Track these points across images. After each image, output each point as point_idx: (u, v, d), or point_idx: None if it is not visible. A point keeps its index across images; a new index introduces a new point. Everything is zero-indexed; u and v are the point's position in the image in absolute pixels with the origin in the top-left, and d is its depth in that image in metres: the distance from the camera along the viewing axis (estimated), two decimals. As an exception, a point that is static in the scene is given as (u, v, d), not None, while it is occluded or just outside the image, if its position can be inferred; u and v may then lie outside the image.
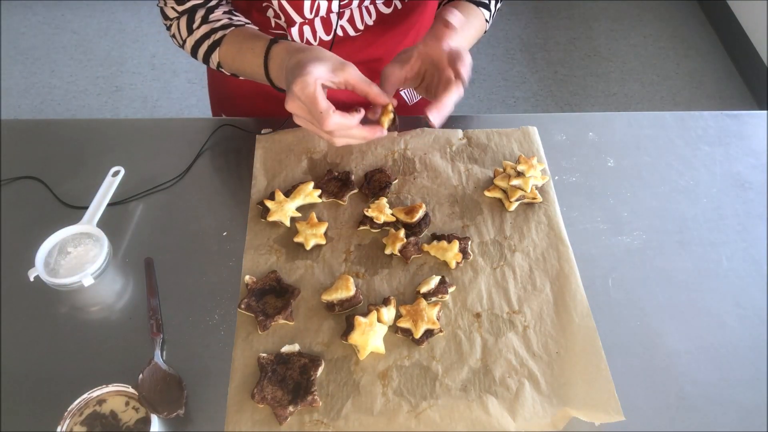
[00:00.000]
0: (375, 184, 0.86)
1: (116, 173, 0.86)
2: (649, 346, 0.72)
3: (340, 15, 0.89)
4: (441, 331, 0.71)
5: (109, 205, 0.82)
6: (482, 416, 0.65)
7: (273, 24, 0.90)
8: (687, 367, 0.70)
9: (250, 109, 1.03)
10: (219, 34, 0.83)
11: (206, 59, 0.86)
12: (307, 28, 0.89)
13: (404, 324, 0.71)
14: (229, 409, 0.65)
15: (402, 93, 1.08)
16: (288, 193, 0.84)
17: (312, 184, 0.85)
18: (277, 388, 0.66)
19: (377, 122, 0.75)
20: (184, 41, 0.87)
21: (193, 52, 0.87)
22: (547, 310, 0.74)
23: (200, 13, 0.85)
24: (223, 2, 0.87)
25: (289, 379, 0.67)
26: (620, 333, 0.73)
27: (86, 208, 0.81)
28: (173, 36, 0.89)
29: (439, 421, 0.65)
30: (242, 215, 0.83)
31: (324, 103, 0.68)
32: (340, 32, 0.91)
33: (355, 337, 0.69)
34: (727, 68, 2.55)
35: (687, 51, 2.63)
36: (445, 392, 0.67)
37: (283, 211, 0.81)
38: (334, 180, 0.87)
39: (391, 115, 0.76)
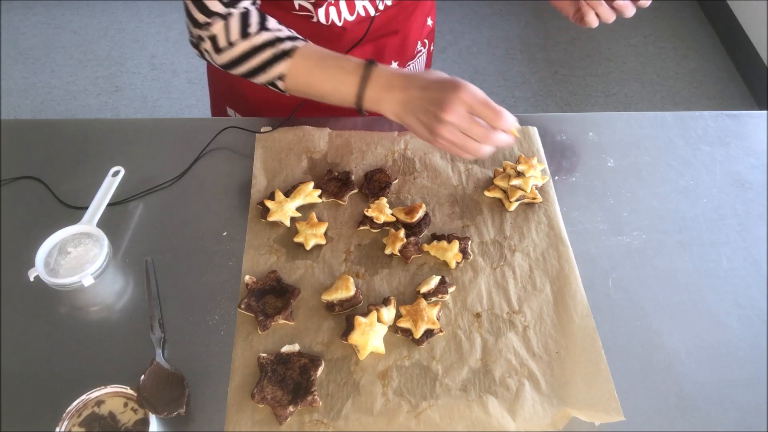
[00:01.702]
0: (375, 184, 0.86)
1: (116, 173, 0.86)
2: (649, 346, 0.72)
3: None
4: (441, 331, 0.71)
5: (109, 205, 0.82)
6: (482, 416, 0.65)
7: (297, 6, 0.89)
8: (687, 367, 0.70)
9: (258, 102, 1.02)
10: (287, 44, 0.78)
11: (262, 68, 0.80)
12: (332, 9, 0.89)
13: (404, 324, 0.71)
14: (229, 409, 0.65)
15: None
16: (288, 193, 0.84)
17: (312, 184, 0.85)
18: (277, 388, 0.66)
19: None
20: (231, 44, 0.79)
21: (242, 59, 0.80)
22: (547, 310, 0.74)
23: (255, 17, 0.80)
24: None
25: (289, 379, 0.67)
26: (620, 333, 0.73)
27: (86, 208, 0.81)
28: (211, 38, 0.80)
29: (439, 421, 0.65)
30: (242, 215, 0.83)
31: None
32: (362, 12, 0.92)
33: (355, 337, 0.69)
34: (727, 68, 2.55)
35: (687, 51, 2.63)
36: (445, 392, 0.67)
37: (283, 211, 0.81)
38: (334, 180, 0.87)
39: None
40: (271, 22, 0.81)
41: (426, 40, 1.11)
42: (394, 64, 1.06)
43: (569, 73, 2.52)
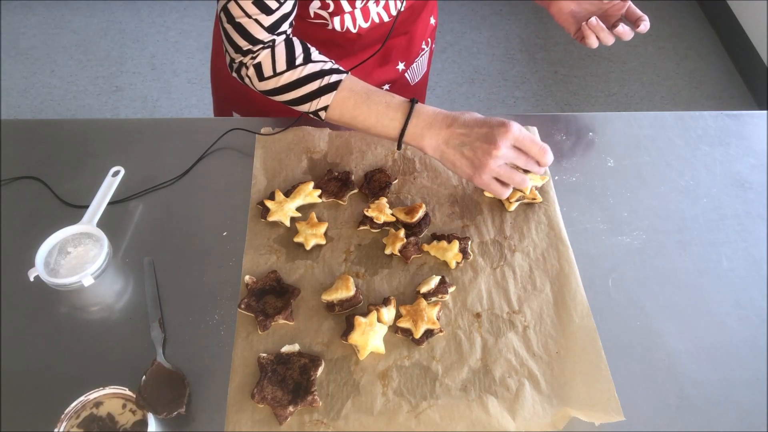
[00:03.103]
0: (375, 184, 0.86)
1: (116, 173, 0.86)
2: (649, 346, 0.72)
3: (376, 1, 0.91)
4: (441, 331, 0.71)
5: (109, 204, 0.82)
6: (482, 416, 0.65)
7: (312, 14, 0.90)
8: (687, 367, 0.70)
9: (261, 104, 1.03)
10: (333, 77, 0.80)
11: (307, 99, 0.80)
12: (348, 17, 0.90)
13: (404, 324, 0.71)
14: (229, 409, 0.65)
15: (405, 74, 1.10)
16: (288, 193, 0.84)
17: (312, 184, 0.85)
18: (277, 388, 0.66)
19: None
20: (278, 73, 0.79)
21: (287, 88, 0.80)
22: (547, 310, 0.74)
23: (299, 47, 0.80)
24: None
25: (289, 379, 0.67)
26: (620, 333, 0.73)
27: (86, 207, 0.81)
28: (256, 65, 0.80)
29: (439, 421, 0.65)
30: (242, 215, 0.83)
31: None
32: (376, 19, 0.93)
33: (355, 337, 0.69)
34: (727, 68, 2.55)
35: (687, 51, 2.63)
36: (445, 392, 0.67)
37: (283, 211, 0.81)
38: (334, 180, 0.87)
39: None
40: (315, 53, 0.82)
41: (429, 39, 1.12)
42: (401, 65, 1.07)
43: (569, 73, 2.52)
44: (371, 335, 0.69)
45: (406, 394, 0.67)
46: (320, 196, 0.84)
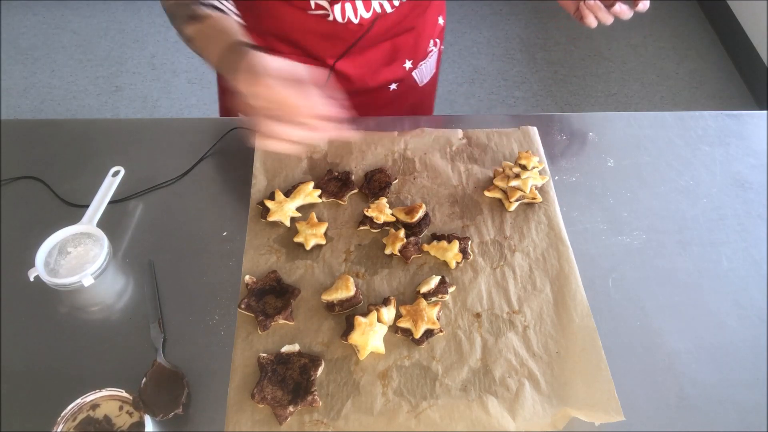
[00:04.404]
0: (375, 184, 0.86)
1: (116, 173, 0.86)
2: (649, 346, 0.72)
3: None
4: (441, 331, 0.71)
5: (109, 204, 0.82)
6: (482, 416, 0.65)
7: (313, 5, 0.90)
8: (687, 367, 0.70)
9: None
10: (206, 10, 0.81)
11: (178, 25, 0.84)
12: (348, 6, 0.90)
13: (404, 324, 0.71)
14: (229, 409, 0.65)
15: (413, 74, 1.10)
16: (288, 193, 0.84)
17: (312, 184, 0.85)
18: (277, 388, 0.66)
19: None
20: None
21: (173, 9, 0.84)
22: (547, 310, 0.74)
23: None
24: None
25: (289, 379, 0.67)
26: (620, 333, 0.73)
27: (86, 207, 0.81)
28: None
29: (439, 421, 0.65)
30: (242, 215, 0.83)
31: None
32: (378, 8, 0.93)
33: (355, 337, 0.69)
34: (727, 68, 2.55)
35: (687, 51, 2.63)
36: (445, 392, 0.67)
37: (283, 211, 0.81)
38: (334, 180, 0.87)
39: None
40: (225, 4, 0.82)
41: (437, 39, 1.12)
42: (408, 63, 1.07)
43: (569, 73, 2.52)
44: (371, 335, 0.69)
45: (406, 394, 0.67)
46: (320, 196, 0.84)
